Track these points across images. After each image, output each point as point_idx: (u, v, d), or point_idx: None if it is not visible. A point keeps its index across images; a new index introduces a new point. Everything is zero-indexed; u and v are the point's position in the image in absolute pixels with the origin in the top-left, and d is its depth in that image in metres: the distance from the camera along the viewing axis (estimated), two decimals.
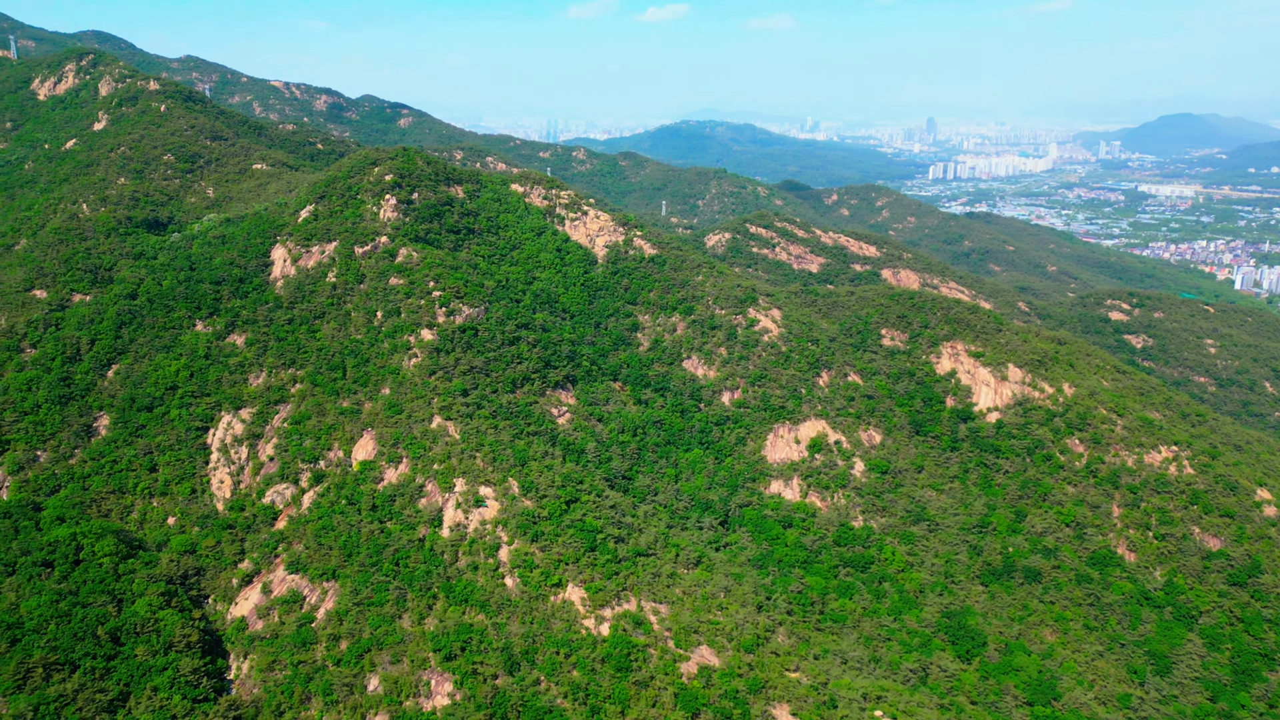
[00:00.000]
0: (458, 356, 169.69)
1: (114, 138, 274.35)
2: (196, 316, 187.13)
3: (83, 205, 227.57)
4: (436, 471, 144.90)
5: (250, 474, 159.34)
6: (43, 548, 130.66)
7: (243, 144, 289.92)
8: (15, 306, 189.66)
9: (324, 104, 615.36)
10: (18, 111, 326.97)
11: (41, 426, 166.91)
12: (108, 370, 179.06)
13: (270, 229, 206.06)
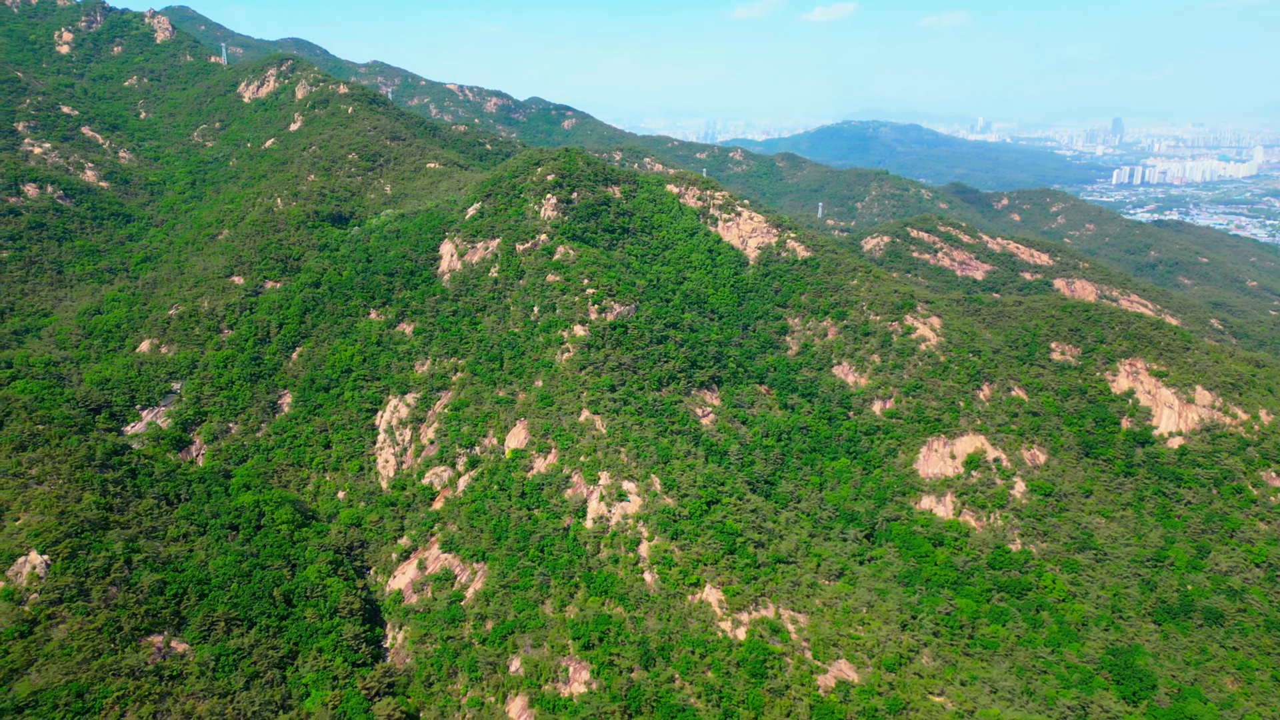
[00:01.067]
0: (607, 353, 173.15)
1: (307, 137, 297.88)
2: (371, 305, 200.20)
3: (277, 200, 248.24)
4: (583, 464, 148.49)
5: (412, 455, 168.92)
6: (230, 512, 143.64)
7: (419, 144, 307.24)
8: (217, 291, 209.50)
9: (494, 106, 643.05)
10: (226, 113, 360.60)
11: (234, 401, 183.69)
12: (292, 352, 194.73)
13: (440, 225, 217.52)
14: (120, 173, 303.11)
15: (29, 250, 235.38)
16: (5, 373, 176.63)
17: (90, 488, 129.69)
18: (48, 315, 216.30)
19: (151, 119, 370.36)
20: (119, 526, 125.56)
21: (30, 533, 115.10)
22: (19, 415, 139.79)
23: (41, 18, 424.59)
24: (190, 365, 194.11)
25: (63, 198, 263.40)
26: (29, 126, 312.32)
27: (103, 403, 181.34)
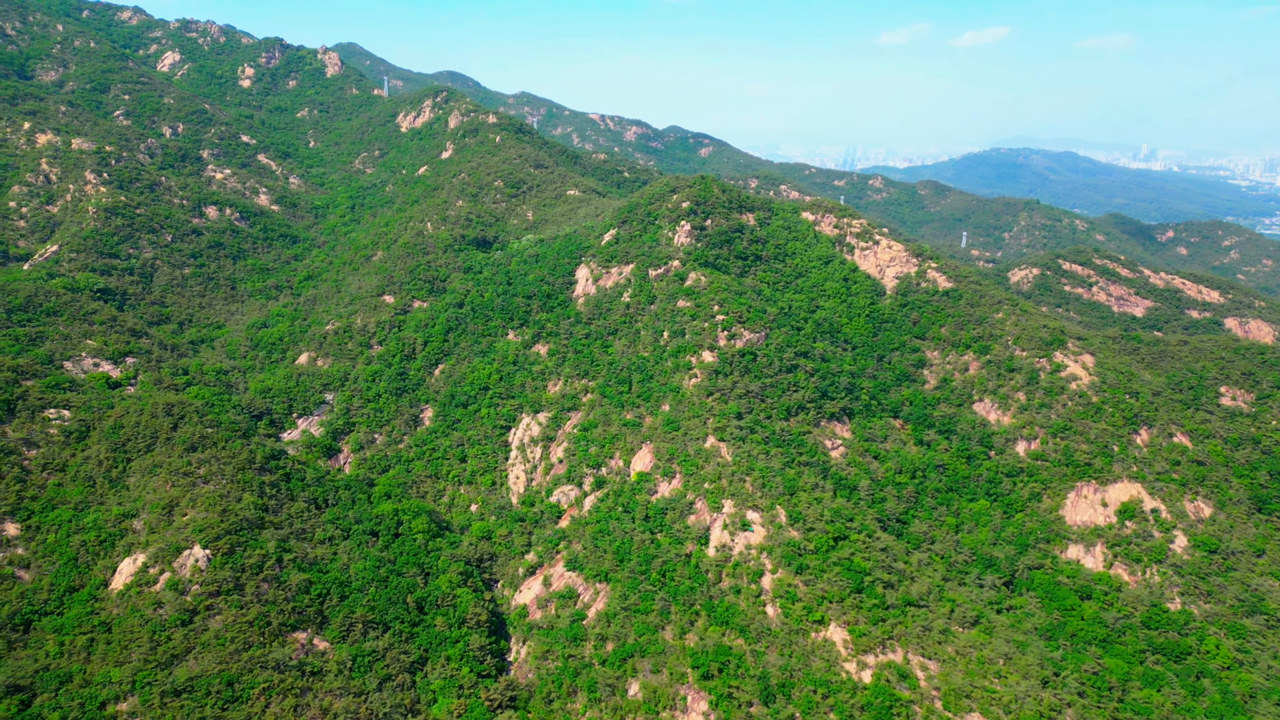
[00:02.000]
0: (735, 380, 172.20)
1: (457, 165, 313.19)
2: (509, 326, 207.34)
3: (427, 224, 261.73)
4: (707, 491, 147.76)
5: (542, 473, 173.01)
6: (372, 519, 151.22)
7: (560, 172, 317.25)
8: (369, 309, 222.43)
9: (633, 134, 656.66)
10: (385, 142, 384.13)
11: (380, 413, 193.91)
12: (435, 369, 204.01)
13: (577, 250, 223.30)
14: (290, 197, 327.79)
15: (208, 267, 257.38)
16: (182, 379, 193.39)
17: (250, 489, 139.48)
18: (221, 327, 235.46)
19: (319, 147, 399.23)
20: (273, 527, 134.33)
21: (195, 528, 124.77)
22: (192, 419, 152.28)
23: (228, 55, 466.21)
24: (342, 378, 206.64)
25: (239, 220, 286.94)
26: (213, 154, 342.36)
27: (264, 410, 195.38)
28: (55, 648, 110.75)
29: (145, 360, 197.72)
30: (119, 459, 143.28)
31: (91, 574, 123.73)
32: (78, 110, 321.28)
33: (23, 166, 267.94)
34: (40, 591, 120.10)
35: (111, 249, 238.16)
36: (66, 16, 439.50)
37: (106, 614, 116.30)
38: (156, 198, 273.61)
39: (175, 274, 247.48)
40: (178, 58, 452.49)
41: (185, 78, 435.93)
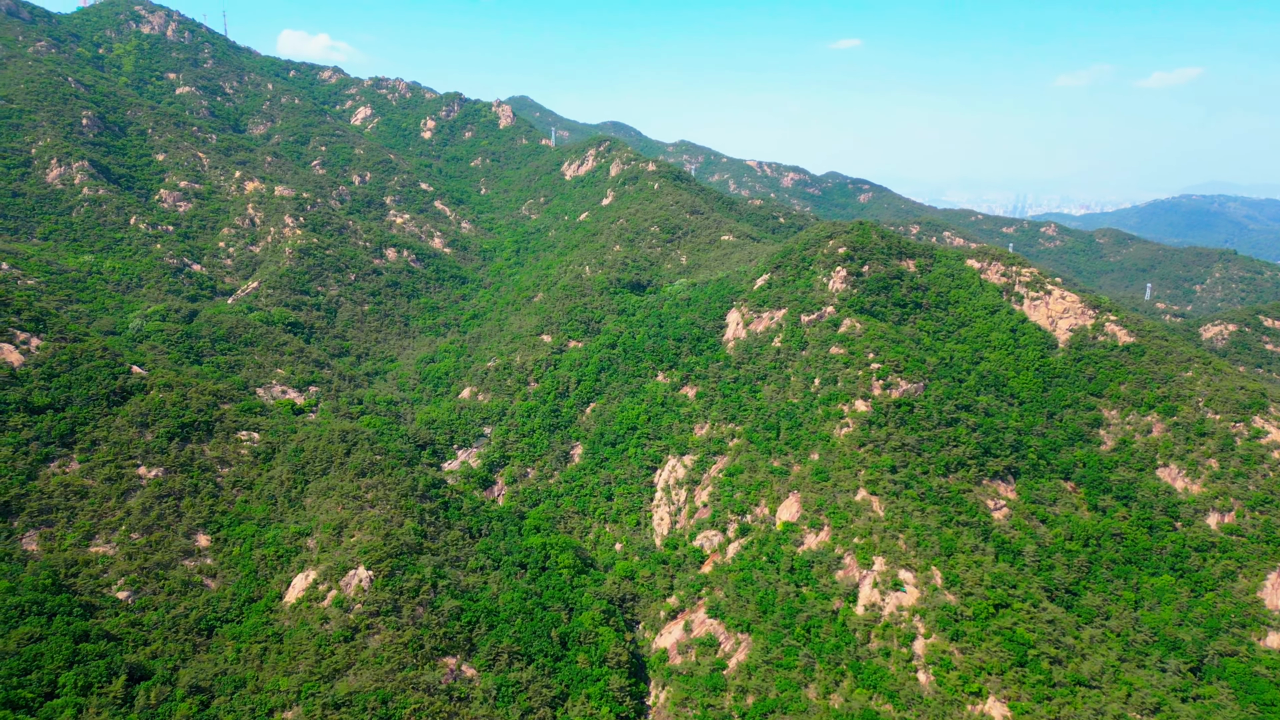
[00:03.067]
0: (890, 431, 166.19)
1: (616, 211, 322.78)
2: (659, 368, 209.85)
3: (585, 267, 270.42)
4: (856, 545, 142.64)
5: (686, 516, 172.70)
6: (521, 551, 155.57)
7: (715, 217, 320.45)
8: (528, 347, 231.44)
9: (790, 180, 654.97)
10: (550, 189, 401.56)
11: (533, 448, 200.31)
12: (587, 407, 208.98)
13: (729, 294, 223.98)
14: (461, 240, 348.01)
15: (385, 305, 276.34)
16: (356, 408, 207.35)
17: (411, 515, 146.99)
18: (394, 361, 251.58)
19: (489, 194, 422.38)
20: (430, 553, 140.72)
21: (361, 549, 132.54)
22: (363, 446, 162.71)
23: (413, 109, 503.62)
24: (500, 413, 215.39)
25: (415, 261, 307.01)
26: (395, 200, 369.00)
27: (428, 440, 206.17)
28: (233, 654, 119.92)
29: (326, 389, 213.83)
30: (298, 480, 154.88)
31: (269, 587, 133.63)
32: (281, 160, 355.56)
33: (232, 210, 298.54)
34: (224, 600, 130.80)
35: (303, 286, 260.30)
36: (276, 76, 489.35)
37: (279, 625, 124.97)
38: (344, 240, 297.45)
39: (356, 310, 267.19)
40: (369, 112, 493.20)
41: (374, 130, 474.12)
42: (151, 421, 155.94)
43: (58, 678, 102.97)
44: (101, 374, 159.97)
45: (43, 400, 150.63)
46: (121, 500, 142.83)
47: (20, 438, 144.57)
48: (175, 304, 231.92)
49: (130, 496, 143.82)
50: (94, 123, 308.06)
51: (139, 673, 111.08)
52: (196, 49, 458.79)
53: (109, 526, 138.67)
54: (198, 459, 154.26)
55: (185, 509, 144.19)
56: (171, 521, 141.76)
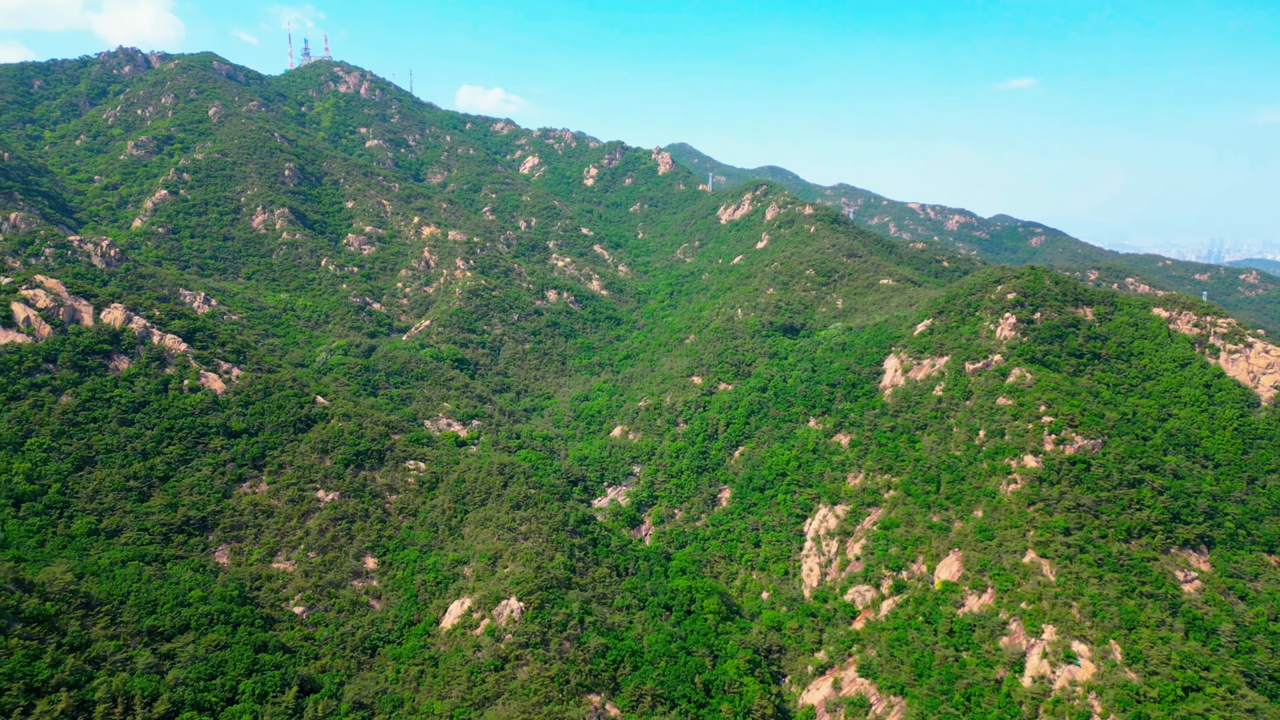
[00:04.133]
0: (1063, 490, 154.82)
1: (770, 254, 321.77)
2: (811, 414, 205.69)
3: (738, 310, 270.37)
4: (1024, 611, 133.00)
5: (837, 568, 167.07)
6: (666, 593, 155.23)
7: (873, 261, 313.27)
8: (679, 388, 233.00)
9: (955, 224, 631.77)
10: (705, 233, 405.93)
11: (681, 489, 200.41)
12: (735, 450, 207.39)
13: (887, 340, 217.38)
14: (617, 283, 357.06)
15: (544, 343, 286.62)
16: (514, 442, 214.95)
17: (562, 549, 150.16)
18: (550, 398, 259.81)
19: (646, 238, 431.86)
20: (578, 588, 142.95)
21: (513, 580, 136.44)
22: (519, 479, 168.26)
23: (577, 157, 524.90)
24: (649, 452, 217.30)
25: (574, 302, 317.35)
26: (557, 244, 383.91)
27: (580, 476, 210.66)
28: (393, 674, 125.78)
29: (487, 423, 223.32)
30: (458, 510, 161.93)
31: (428, 611, 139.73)
32: (455, 207, 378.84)
33: (410, 253, 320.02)
34: (386, 621, 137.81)
35: (470, 325, 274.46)
36: (454, 129, 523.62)
37: (435, 650, 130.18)
38: (509, 281, 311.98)
39: (517, 348, 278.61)
40: (536, 161, 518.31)
41: (541, 178, 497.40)
42: (331, 448, 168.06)
43: (238, 684, 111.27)
44: (290, 403, 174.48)
45: (239, 425, 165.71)
46: (302, 521, 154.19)
47: (218, 459, 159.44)
48: (356, 339, 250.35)
49: (310, 518, 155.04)
50: (294, 174, 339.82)
51: (309, 685, 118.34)
52: (385, 105, 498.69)
53: (290, 545, 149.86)
54: (369, 485, 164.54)
55: (356, 532, 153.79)
56: (344, 543, 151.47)
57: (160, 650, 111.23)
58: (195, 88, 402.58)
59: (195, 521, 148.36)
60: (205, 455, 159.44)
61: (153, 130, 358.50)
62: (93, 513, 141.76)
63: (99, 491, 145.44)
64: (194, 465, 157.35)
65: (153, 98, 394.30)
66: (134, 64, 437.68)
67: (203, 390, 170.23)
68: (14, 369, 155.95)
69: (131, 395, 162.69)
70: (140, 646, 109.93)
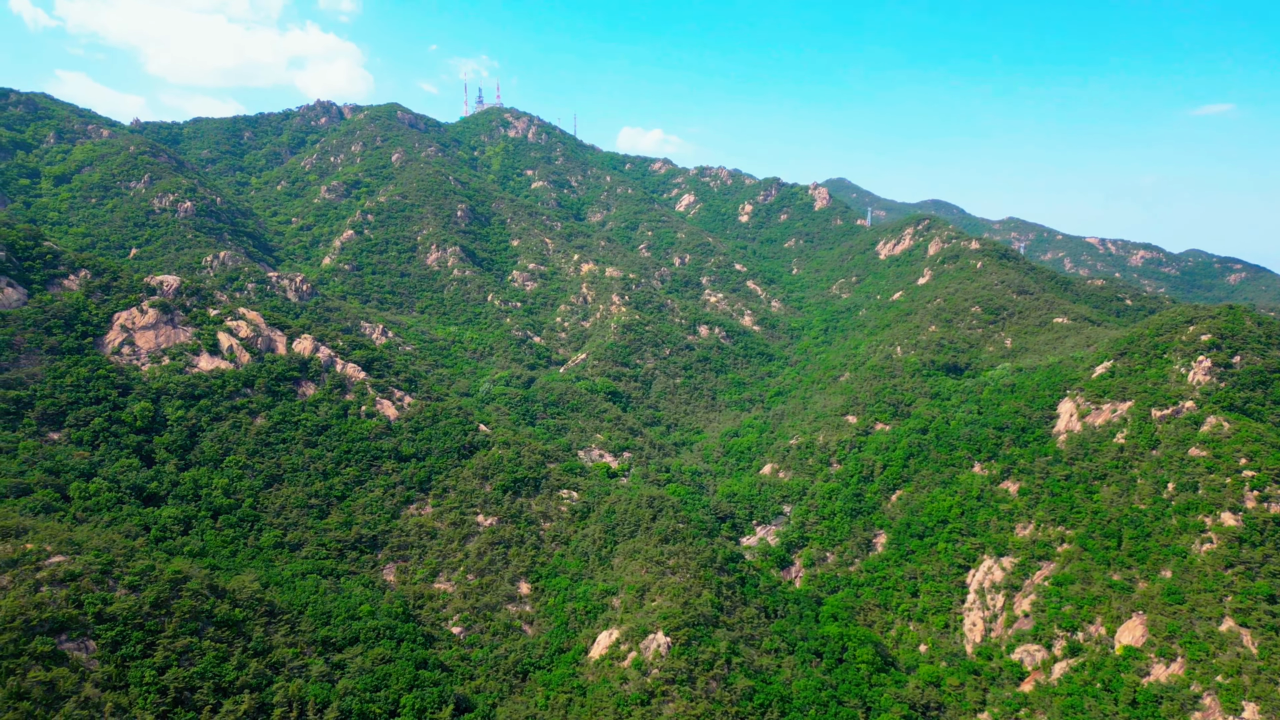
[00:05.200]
0: (1267, 553, 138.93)
1: (933, 291, 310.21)
2: (976, 458, 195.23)
3: (896, 348, 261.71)
4: (1220, 685, 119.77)
5: (1003, 625, 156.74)
6: (817, 638, 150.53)
7: (1047, 298, 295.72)
8: (832, 427, 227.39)
9: (1140, 259, 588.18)
10: (862, 268, 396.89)
11: (833, 532, 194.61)
12: (892, 494, 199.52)
13: (1061, 382, 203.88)
14: (770, 319, 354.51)
15: (695, 378, 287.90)
16: (664, 475, 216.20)
17: (709, 586, 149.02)
18: (700, 433, 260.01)
19: (801, 274, 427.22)
20: (725, 627, 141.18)
21: (660, 615, 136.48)
22: (668, 513, 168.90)
23: (732, 194, 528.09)
24: (800, 492, 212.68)
25: (725, 338, 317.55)
26: (710, 280, 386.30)
27: (728, 513, 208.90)
28: (542, 699, 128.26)
29: (638, 455, 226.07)
30: (608, 540, 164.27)
31: (577, 640, 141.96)
32: (613, 245, 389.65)
33: (569, 289, 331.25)
34: (538, 647, 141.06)
35: (624, 359, 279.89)
36: (614, 170, 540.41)
37: (583, 679, 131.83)
38: (662, 317, 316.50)
39: (669, 382, 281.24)
40: (692, 199, 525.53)
41: (696, 215, 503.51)
42: (491, 475, 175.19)
43: (400, 698, 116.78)
44: (456, 430, 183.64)
45: (409, 450, 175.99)
46: (462, 543, 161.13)
47: (389, 481, 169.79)
48: (517, 371, 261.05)
49: (469, 541, 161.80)
50: (466, 214, 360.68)
51: (464, 704, 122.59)
52: (550, 148, 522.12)
53: (450, 566, 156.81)
54: (525, 512, 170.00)
55: (512, 557, 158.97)
56: (500, 567, 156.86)
57: (332, 660, 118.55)
58: (381, 136, 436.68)
59: (367, 540, 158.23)
60: (378, 477, 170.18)
61: (343, 175, 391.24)
62: (279, 527, 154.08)
63: (285, 507, 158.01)
64: (368, 486, 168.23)
65: (344, 146, 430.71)
66: (329, 115, 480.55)
67: (378, 416, 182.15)
68: (217, 392, 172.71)
69: (316, 419, 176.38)
70: (315, 655, 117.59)
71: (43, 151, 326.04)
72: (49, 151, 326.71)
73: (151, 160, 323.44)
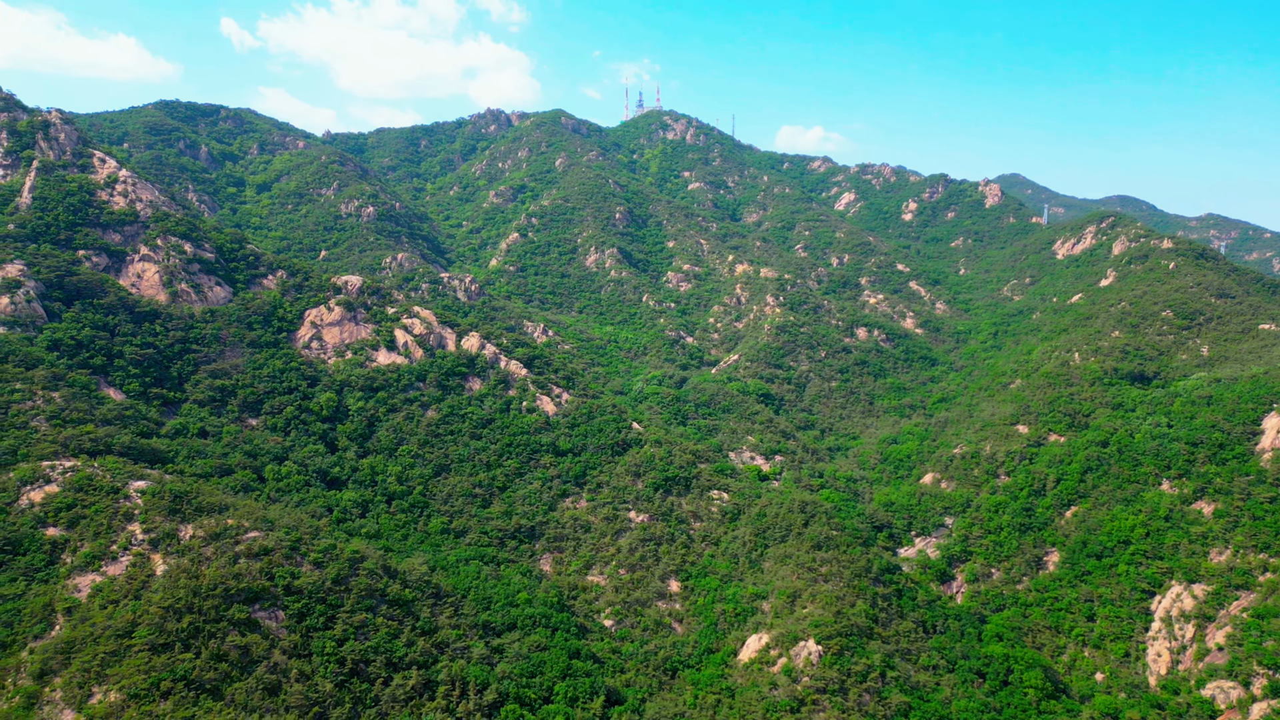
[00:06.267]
0: None
1: (1117, 293, 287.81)
2: (1164, 475, 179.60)
3: (1074, 354, 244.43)
4: None
5: (1192, 658, 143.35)
6: (980, 658, 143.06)
7: (1251, 302, 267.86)
8: (1000, 437, 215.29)
9: None
10: (1036, 269, 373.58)
11: (1000, 547, 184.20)
12: (1066, 510, 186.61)
13: (1267, 395, 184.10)
14: (933, 321, 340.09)
15: (851, 382, 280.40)
16: (817, 481, 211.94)
17: (864, 597, 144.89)
18: (856, 438, 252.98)
19: (968, 275, 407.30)
20: (880, 639, 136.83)
21: (812, 622, 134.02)
22: (821, 519, 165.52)
23: (895, 192, 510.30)
24: (964, 504, 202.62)
25: (885, 340, 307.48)
26: (870, 280, 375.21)
27: (885, 523, 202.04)
28: (691, 698, 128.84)
29: (790, 459, 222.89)
30: (759, 544, 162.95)
31: (726, 641, 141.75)
32: (769, 245, 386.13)
33: (723, 290, 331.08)
34: (687, 646, 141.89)
35: (777, 360, 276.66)
36: (771, 169, 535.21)
37: (732, 681, 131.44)
38: (818, 318, 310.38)
39: (824, 385, 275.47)
40: (853, 197, 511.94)
41: (856, 214, 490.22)
42: (642, 472, 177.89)
43: (554, 686, 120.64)
44: (609, 427, 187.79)
45: (566, 445, 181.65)
46: (614, 538, 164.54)
47: (547, 474, 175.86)
48: (670, 371, 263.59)
49: (621, 536, 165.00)
50: (624, 217, 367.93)
51: (614, 697, 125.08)
52: (708, 150, 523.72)
53: (603, 560, 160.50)
54: (675, 510, 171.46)
55: (663, 554, 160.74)
56: (651, 564, 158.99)
57: (492, 644, 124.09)
58: (546, 141, 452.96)
59: (525, 530, 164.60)
60: (537, 470, 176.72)
61: (509, 180, 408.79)
62: (445, 514, 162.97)
63: (451, 496, 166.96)
64: (527, 478, 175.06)
65: (511, 152, 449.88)
66: (498, 123, 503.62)
67: (538, 411, 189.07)
68: (393, 385, 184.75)
69: (481, 413, 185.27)
70: (476, 638, 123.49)
71: (247, 162, 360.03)
72: (252, 162, 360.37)
73: (340, 169, 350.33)
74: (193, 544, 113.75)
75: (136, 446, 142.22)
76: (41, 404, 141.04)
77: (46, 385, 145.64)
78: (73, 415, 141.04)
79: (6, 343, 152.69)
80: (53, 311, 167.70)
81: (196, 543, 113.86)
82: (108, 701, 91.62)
